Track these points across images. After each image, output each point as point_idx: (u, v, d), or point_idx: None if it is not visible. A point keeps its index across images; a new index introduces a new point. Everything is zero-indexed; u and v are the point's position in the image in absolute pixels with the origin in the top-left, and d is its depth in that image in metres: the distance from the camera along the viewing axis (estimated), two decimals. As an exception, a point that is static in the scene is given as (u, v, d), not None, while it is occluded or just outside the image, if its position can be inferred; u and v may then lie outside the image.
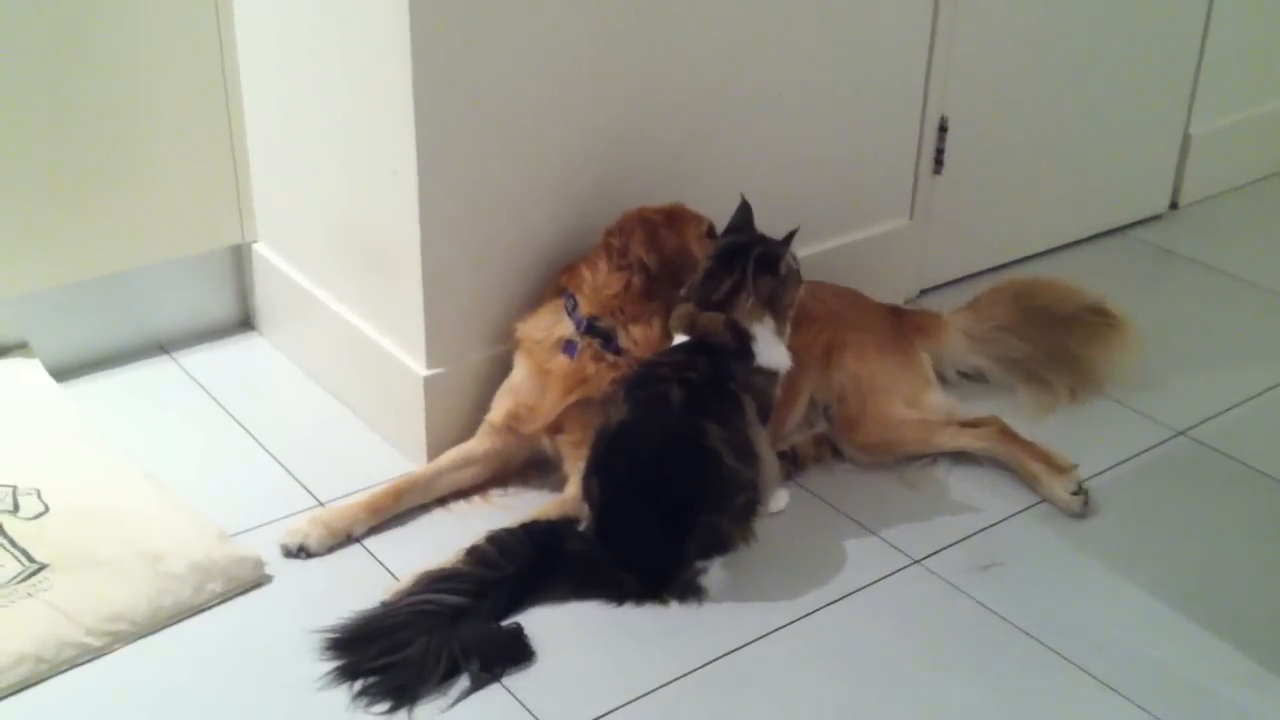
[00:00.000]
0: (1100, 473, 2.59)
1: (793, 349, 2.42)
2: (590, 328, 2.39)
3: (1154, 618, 2.23)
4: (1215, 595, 2.29)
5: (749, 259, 2.30)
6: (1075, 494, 2.47)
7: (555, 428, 2.42)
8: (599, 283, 2.39)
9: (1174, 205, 3.79)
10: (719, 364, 2.26)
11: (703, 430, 2.18)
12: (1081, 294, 2.89)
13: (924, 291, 3.25)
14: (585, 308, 2.40)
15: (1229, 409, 2.83)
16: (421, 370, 2.49)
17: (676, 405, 2.19)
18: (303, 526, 2.33)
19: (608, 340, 2.39)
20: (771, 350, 2.31)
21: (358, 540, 2.36)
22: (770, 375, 2.32)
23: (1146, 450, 2.69)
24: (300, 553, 2.31)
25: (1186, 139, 3.70)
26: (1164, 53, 3.54)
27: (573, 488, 2.35)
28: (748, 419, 2.24)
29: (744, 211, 2.38)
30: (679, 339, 2.31)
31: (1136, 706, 2.04)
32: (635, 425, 2.22)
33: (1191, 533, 2.46)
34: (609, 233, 2.42)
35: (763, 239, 2.34)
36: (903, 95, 3.00)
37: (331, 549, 2.33)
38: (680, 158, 2.67)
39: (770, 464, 2.29)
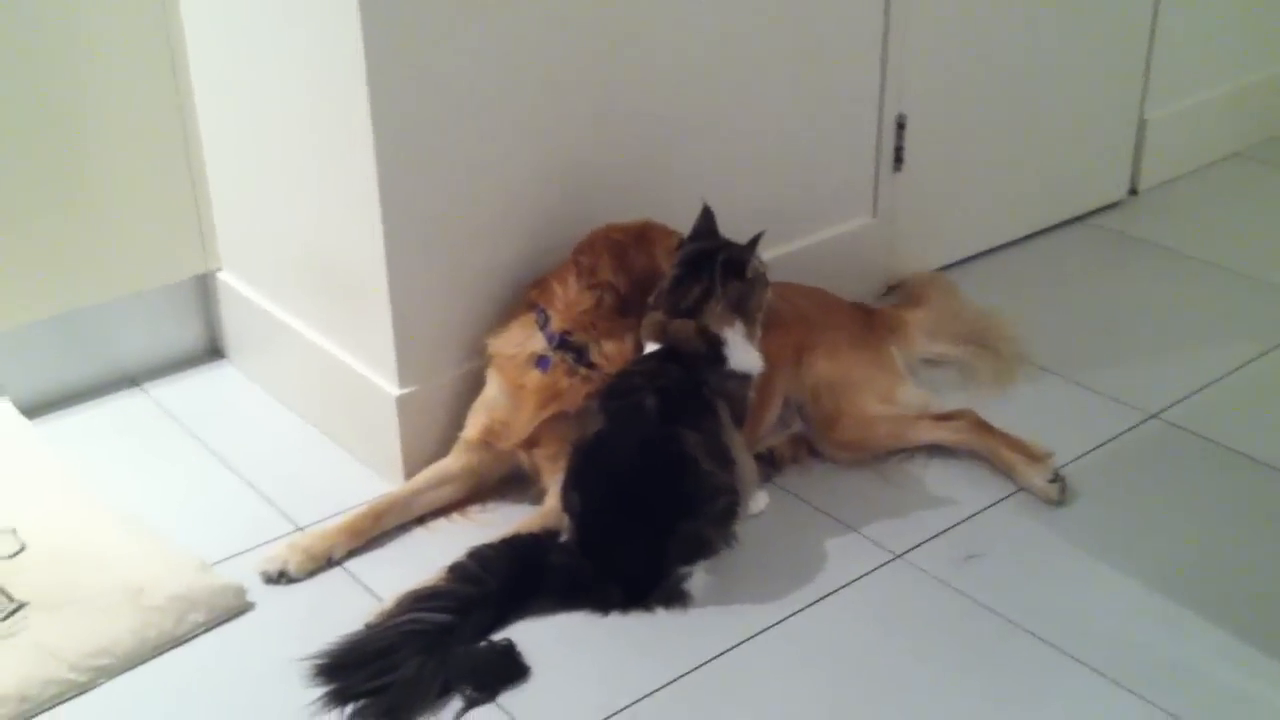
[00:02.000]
0: (1075, 459, 2.61)
1: (764, 351, 2.43)
2: (563, 342, 2.39)
3: (1138, 601, 2.25)
4: (1198, 576, 2.31)
5: (715, 264, 2.30)
6: (1052, 481, 2.48)
7: (531, 442, 2.42)
8: (570, 299, 2.39)
9: (1133, 191, 3.81)
10: (691, 371, 2.26)
11: (678, 437, 2.18)
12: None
13: (891, 288, 3.26)
14: (557, 323, 2.40)
15: (1199, 390, 2.85)
16: (394, 390, 2.48)
17: (651, 414, 2.19)
18: (282, 552, 2.32)
19: (580, 355, 2.39)
20: (743, 354, 2.31)
21: (338, 563, 2.35)
22: (743, 379, 2.33)
23: (1120, 434, 2.71)
24: (280, 578, 2.30)
25: (1142, 124, 3.73)
26: (1116, 39, 3.56)
27: (551, 500, 2.35)
28: (722, 424, 2.25)
29: (706, 218, 2.38)
30: (650, 348, 2.31)
31: (1128, 691, 2.05)
32: (611, 436, 2.22)
33: (1170, 515, 2.48)
34: (578, 251, 2.41)
35: (728, 244, 2.35)
36: (859, 95, 3.01)
37: (312, 573, 2.32)
38: (644, 168, 2.67)
39: (747, 467, 2.30)
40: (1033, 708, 2.05)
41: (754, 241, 2.34)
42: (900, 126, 3.11)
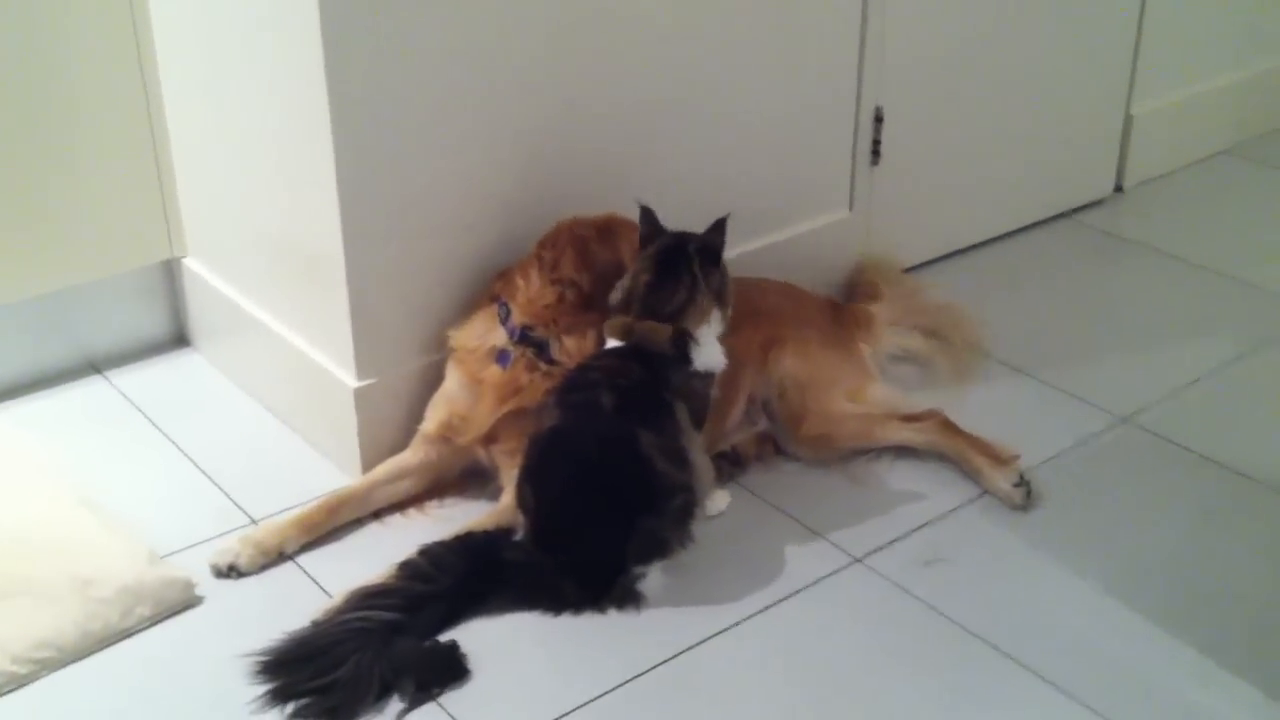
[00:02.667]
0: (1043, 461, 2.57)
1: (731, 346, 2.40)
2: (524, 337, 2.36)
3: (1099, 610, 2.21)
4: (1161, 586, 2.27)
5: (690, 259, 2.26)
6: (1017, 485, 2.45)
7: (490, 438, 2.38)
8: (532, 293, 2.36)
9: (1119, 188, 3.77)
10: (653, 370, 2.23)
11: (634, 436, 2.15)
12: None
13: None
14: (519, 317, 2.36)
15: (1173, 393, 2.81)
16: (352, 382, 2.45)
17: (608, 411, 2.16)
18: (233, 545, 2.29)
19: (541, 350, 2.36)
20: (710, 352, 2.28)
21: (290, 558, 2.32)
22: (706, 377, 2.29)
23: (1090, 437, 2.67)
24: (231, 572, 2.27)
25: (1129, 120, 3.68)
26: (1102, 32, 3.51)
27: (508, 497, 2.32)
28: (680, 425, 2.21)
29: (648, 218, 2.32)
30: (612, 343, 2.28)
31: (1080, 704, 2.02)
32: (567, 431, 2.19)
33: (1137, 522, 2.44)
34: (541, 244, 2.38)
35: (689, 235, 2.30)
36: (836, 86, 2.97)
37: (263, 567, 2.29)
38: (613, 159, 2.64)
39: (704, 469, 2.26)
40: (982, 715, 2.02)
41: (721, 225, 2.30)
42: (878, 119, 3.07)
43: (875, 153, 3.10)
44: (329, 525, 2.37)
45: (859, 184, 3.11)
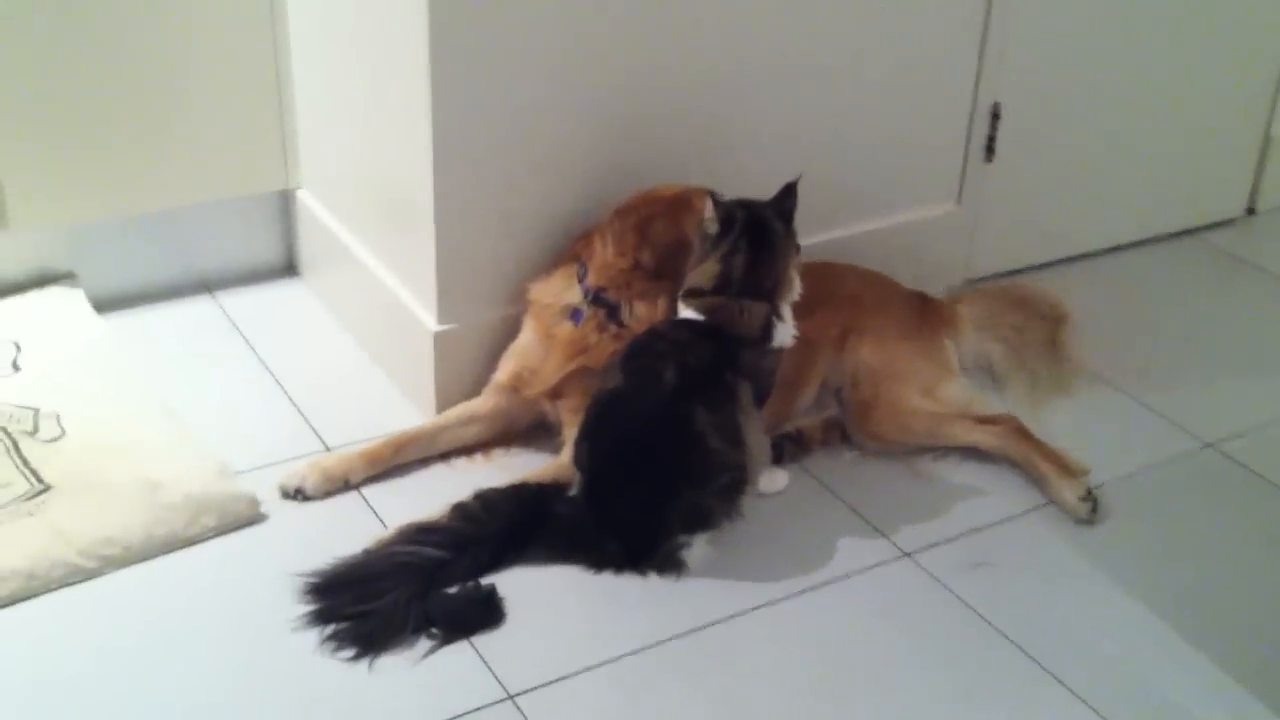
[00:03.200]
0: (1117, 478, 2.52)
1: (808, 330, 2.40)
2: (597, 298, 2.39)
3: (1142, 632, 2.18)
4: (1213, 615, 2.22)
5: (776, 229, 2.26)
6: (1083, 499, 2.41)
7: (555, 393, 2.43)
8: (609, 257, 2.38)
9: (1251, 210, 3.64)
10: (723, 351, 2.22)
11: (690, 413, 2.16)
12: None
13: (970, 281, 3.18)
14: (594, 278, 2.40)
15: (1264, 425, 2.73)
16: (433, 325, 2.51)
17: (668, 386, 2.18)
18: (302, 469, 2.38)
19: (612, 312, 2.39)
20: (786, 327, 2.28)
21: (355, 488, 2.39)
22: (777, 354, 2.30)
23: (1170, 459, 2.61)
24: (297, 495, 2.36)
25: (1267, 141, 3.55)
26: (1246, 45, 3.39)
27: (567, 454, 2.36)
28: (740, 405, 2.22)
29: (720, 207, 2.28)
30: (688, 313, 2.28)
31: (1102, 718, 1.99)
32: (627, 396, 2.22)
33: (1201, 549, 2.39)
34: (616, 212, 2.40)
35: (762, 203, 2.29)
36: (953, 79, 2.93)
37: (329, 493, 2.37)
38: (712, 129, 2.65)
39: (759, 447, 2.27)
40: (1001, 717, 2.01)
41: (792, 188, 2.29)
42: (995, 116, 3.02)
43: (989, 149, 3.06)
44: (393, 461, 2.44)
45: (970, 179, 3.07)
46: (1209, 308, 3.24)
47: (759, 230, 2.27)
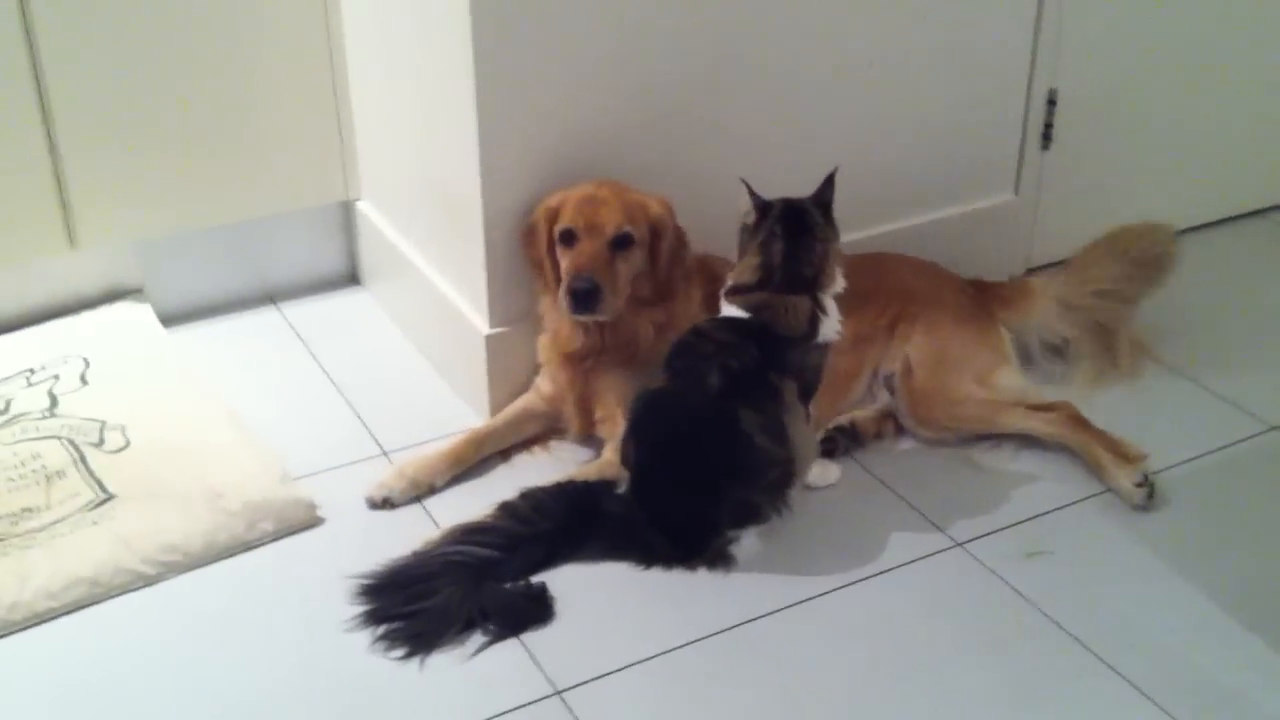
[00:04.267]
0: (1177, 464, 2.49)
1: (858, 322, 2.40)
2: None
3: (1202, 621, 2.14)
4: (1273, 602, 2.18)
5: (814, 218, 2.26)
6: (1140, 485, 2.37)
7: (584, 407, 2.48)
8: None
9: (1323, 189, 3.56)
10: (769, 352, 2.22)
11: (735, 413, 2.17)
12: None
13: (1030, 270, 3.14)
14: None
15: (1333, 406, 2.68)
16: (484, 329, 2.54)
17: (713, 389, 2.18)
18: (388, 480, 2.41)
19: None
20: (831, 321, 2.27)
21: (440, 491, 2.42)
22: (824, 349, 2.29)
23: (1232, 444, 2.56)
24: (385, 504, 2.39)
25: (1342, 118, 3.47)
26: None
27: (610, 452, 2.39)
28: (784, 404, 2.21)
29: (752, 194, 2.29)
30: (732, 311, 2.28)
31: (1159, 707, 1.96)
32: (671, 395, 2.23)
33: (1264, 535, 2.34)
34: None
35: (799, 199, 2.29)
36: (1007, 66, 2.90)
37: (415, 499, 2.41)
38: (767, 125, 2.65)
39: (805, 443, 2.26)
40: (1056, 709, 1.99)
41: (831, 180, 2.29)
42: (1051, 102, 2.99)
43: (1047, 137, 3.02)
44: (475, 459, 2.48)
45: (1027, 168, 3.03)
46: (1277, 290, 3.17)
47: (795, 217, 2.27)
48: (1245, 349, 2.89)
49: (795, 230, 2.26)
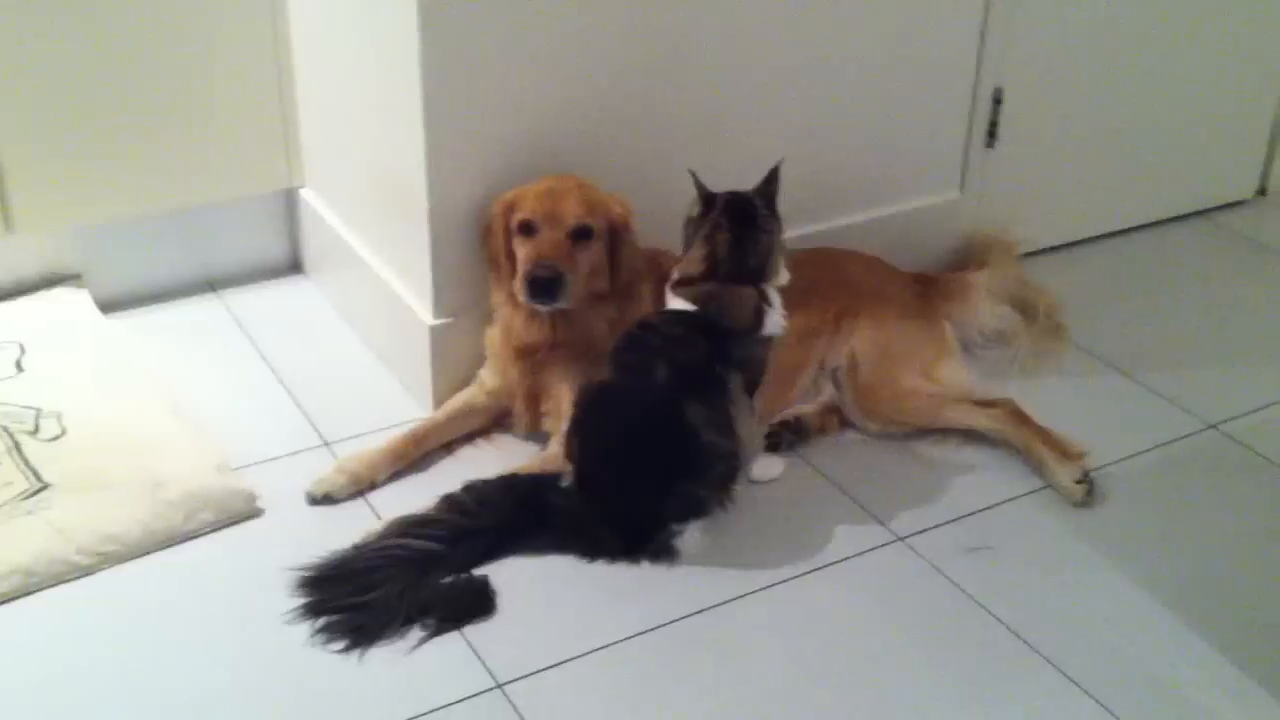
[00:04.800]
0: (1117, 461, 2.51)
1: (804, 316, 2.40)
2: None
3: (1140, 615, 2.16)
4: (1213, 598, 2.21)
5: (759, 208, 2.26)
6: (1079, 482, 2.39)
7: (533, 402, 2.47)
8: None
9: (1262, 191, 3.61)
10: (714, 344, 2.22)
11: (681, 409, 2.17)
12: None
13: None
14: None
15: (1269, 405, 2.71)
16: (429, 319, 2.53)
17: (660, 383, 2.18)
18: (328, 476, 2.37)
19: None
20: (777, 315, 2.28)
21: (380, 486, 2.40)
22: (769, 342, 2.30)
23: (1171, 441, 2.59)
24: (325, 500, 2.36)
25: (1278, 122, 3.51)
26: (1256, 26, 3.35)
27: (554, 445, 2.38)
28: (731, 397, 2.22)
29: (699, 184, 2.30)
30: (678, 304, 2.28)
31: (1097, 702, 1.98)
32: (618, 390, 2.22)
33: (1202, 531, 2.37)
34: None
35: (739, 192, 2.30)
36: (953, 64, 2.92)
37: (355, 495, 2.38)
38: (710, 120, 2.65)
39: (751, 435, 2.27)
40: (996, 704, 2.00)
41: (775, 173, 2.30)
42: (997, 101, 3.01)
43: (992, 134, 3.04)
44: (416, 454, 2.45)
45: (972, 165, 3.05)
46: (1217, 288, 3.22)
47: (740, 210, 2.28)
48: (1184, 348, 2.93)
49: (740, 222, 2.27)
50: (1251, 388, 2.77)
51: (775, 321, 2.28)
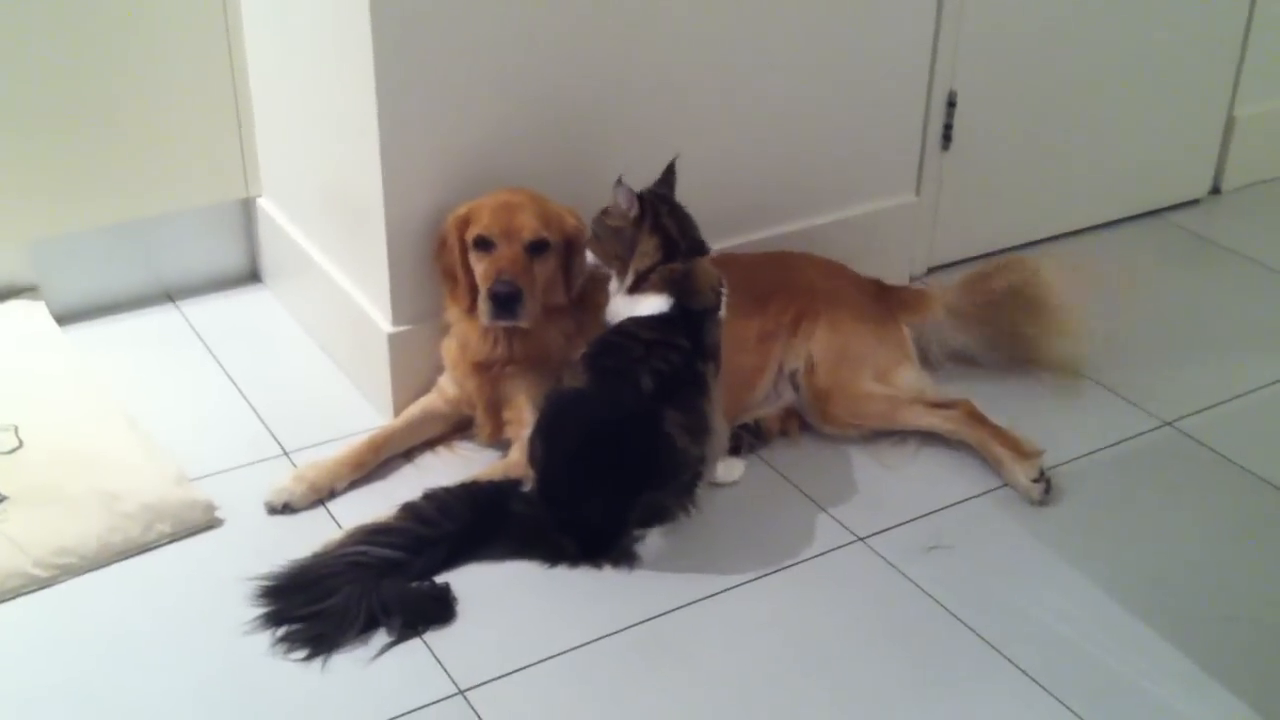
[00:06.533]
0: (1074, 459, 2.53)
1: (763, 319, 2.42)
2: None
3: (1097, 612, 2.18)
4: (1169, 593, 2.23)
5: (673, 198, 2.30)
6: (1036, 480, 2.41)
7: (494, 413, 2.46)
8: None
9: (1216, 190, 3.65)
10: (691, 335, 2.22)
11: (661, 416, 2.17)
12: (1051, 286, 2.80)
13: (932, 269, 3.19)
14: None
15: (1224, 402, 2.74)
16: (387, 327, 2.52)
17: (641, 392, 2.17)
18: (287, 485, 2.37)
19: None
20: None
21: (340, 494, 2.39)
22: (722, 324, 2.31)
23: (1128, 439, 2.62)
24: (285, 510, 2.35)
25: (1231, 120, 3.55)
26: (1208, 26, 3.39)
27: (516, 452, 2.38)
28: (707, 395, 2.23)
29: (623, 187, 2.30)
30: (652, 306, 2.25)
31: (1054, 698, 2.00)
32: (591, 396, 2.21)
33: (1158, 527, 2.39)
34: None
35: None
36: (907, 67, 2.93)
37: (314, 504, 2.37)
38: (662, 122, 2.65)
39: (720, 435, 2.29)
40: (955, 701, 2.01)
41: (671, 166, 2.33)
42: (951, 104, 3.03)
43: (946, 137, 3.06)
44: (376, 462, 2.45)
45: (928, 168, 3.07)
46: (1173, 287, 3.25)
47: (666, 197, 2.31)
48: (1140, 347, 2.94)
49: (674, 205, 2.30)
50: (1207, 385, 2.79)
51: (724, 301, 2.30)
